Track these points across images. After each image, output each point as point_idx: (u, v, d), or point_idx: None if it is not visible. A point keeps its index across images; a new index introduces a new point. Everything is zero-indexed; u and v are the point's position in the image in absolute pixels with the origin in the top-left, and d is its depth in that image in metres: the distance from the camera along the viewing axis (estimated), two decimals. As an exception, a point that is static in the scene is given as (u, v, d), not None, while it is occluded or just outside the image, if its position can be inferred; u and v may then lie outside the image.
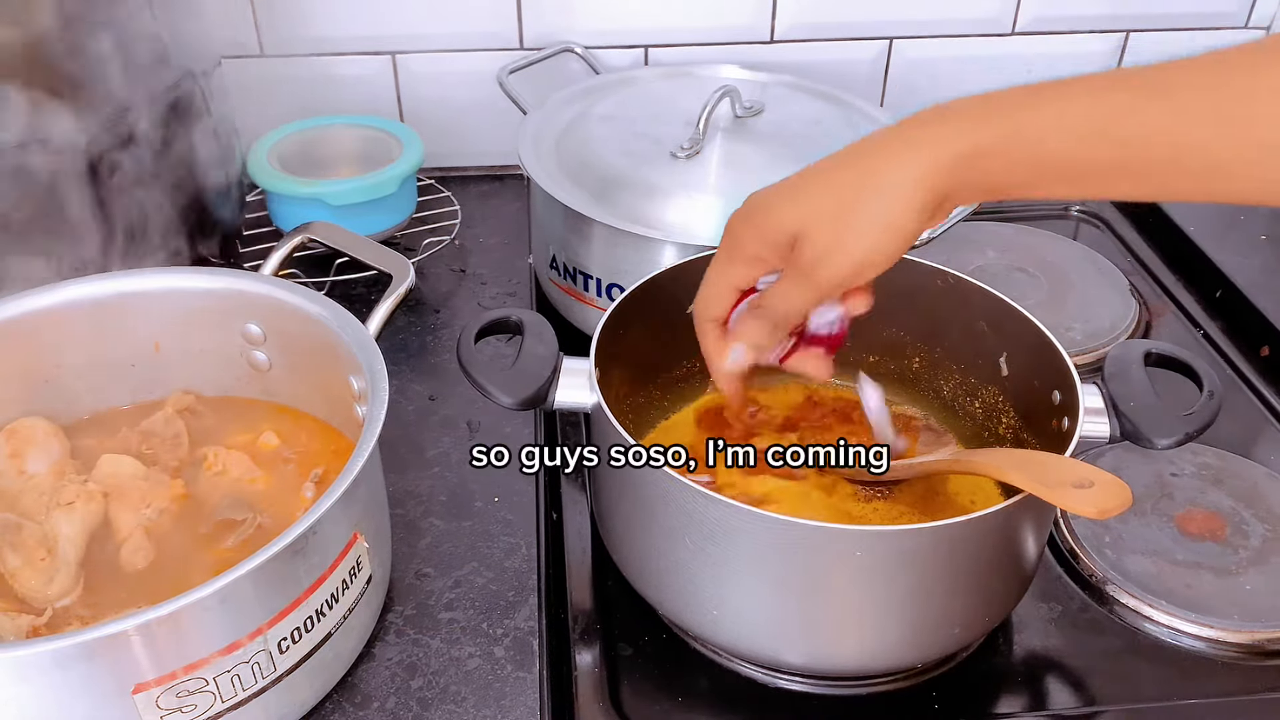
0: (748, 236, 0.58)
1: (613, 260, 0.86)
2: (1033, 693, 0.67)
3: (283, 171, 0.97)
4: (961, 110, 0.52)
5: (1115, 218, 1.15)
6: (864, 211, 0.53)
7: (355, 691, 0.63)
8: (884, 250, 0.54)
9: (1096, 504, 0.54)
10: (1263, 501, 0.79)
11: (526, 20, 1.10)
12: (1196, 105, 0.47)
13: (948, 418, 0.79)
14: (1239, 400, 0.90)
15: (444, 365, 0.89)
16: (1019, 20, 1.14)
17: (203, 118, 0.87)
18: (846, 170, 0.55)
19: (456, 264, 1.02)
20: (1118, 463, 0.81)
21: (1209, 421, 0.63)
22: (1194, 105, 0.47)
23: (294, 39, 1.09)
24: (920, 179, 0.52)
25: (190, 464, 0.71)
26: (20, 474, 0.67)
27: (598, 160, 0.90)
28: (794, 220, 0.56)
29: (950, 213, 0.55)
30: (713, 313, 0.63)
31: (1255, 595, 0.72)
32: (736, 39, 1.13)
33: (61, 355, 0.71)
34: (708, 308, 0.63)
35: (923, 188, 0.52)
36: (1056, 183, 0.51)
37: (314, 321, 0.69)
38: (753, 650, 0.65)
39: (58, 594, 0.62)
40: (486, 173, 1.16)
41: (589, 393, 0.65)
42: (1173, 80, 0.48)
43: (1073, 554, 0.75)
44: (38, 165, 0.74)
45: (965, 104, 0.52)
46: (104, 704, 0.52)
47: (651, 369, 0.78)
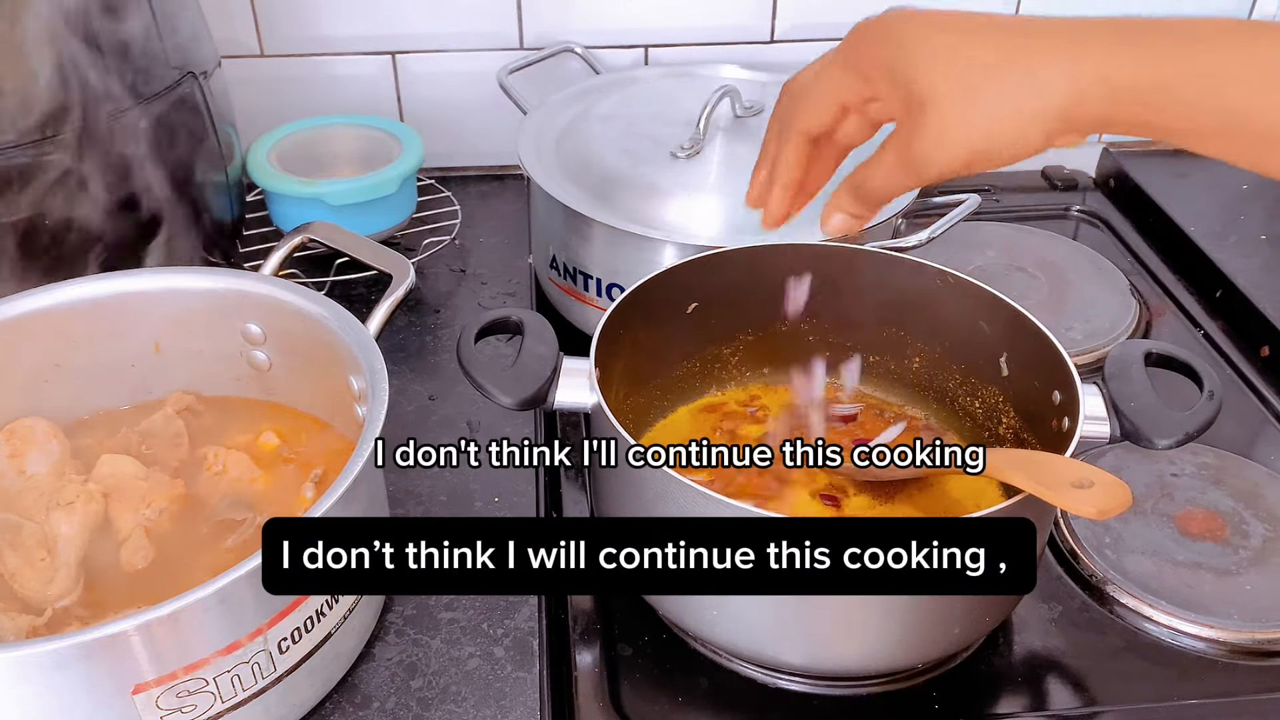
0: (872, 58, 0.52)
1: (613, 260, 0.86)
2: (1033, 693, 0.67)
3: (283, 171, 0.97)
4: (1139, 32, 0.46)
5: (1115, 218, 1.15)
6: (1002, 98, 0.48)
7: (355, 691, 0.63)
8: (1007, 149, 0.49)
9: (1097, 504, 0.54)
10: (1263, 501, 0.79)
11: (526, 20, 1.10)
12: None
13: (948, 418, 0.79)
14: (1239, 400, 0.90)
15: (444, 365, 0.89)
16: (1019, 20, 1.14)
17: (203, 118, 0.87)
18: (998, 43, 0.48)
19: (456, 264, 1.02)
20: (1118, 463, 0.81)
21: (1209, 421, 0.63)
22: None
23: (294, 39, 1.09)
24: (1074, 91, 0.47)
25: (190, 464, 0.71)
26: (20, 474, 0.67)
27: (598, 160, 0.90)
28: (924, 79, 0.49)
29: (1086, 138, 0.49)
30: (808, 123, 0.56)
31: (1255, 595, 0.72)
32: (736, 39, 1.13)
33: (61, 355, 0.71)
34: (804, 117, 0.56)
35: (1073, 100, 0.47)
36: (1236, 140, 0.46)
37: (314, 321, 0.69)
38: (753, 650, 0.65)
39: (58, 594, 0.62)
40: (486, 173, 1.16)
41: (589, 393, 0.65)
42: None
43: (1073, 554, 0.75)
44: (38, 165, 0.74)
45: (1144, 26, 0.47)
46: (104, 704, 0.52)
47: (651, 369, 0.78)
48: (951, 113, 0.49)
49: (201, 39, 0.89)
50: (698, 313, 0.77)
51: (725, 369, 0.82)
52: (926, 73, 0.49)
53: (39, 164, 0.74)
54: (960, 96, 0.49)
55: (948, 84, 0.49)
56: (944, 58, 0.49)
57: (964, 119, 0.49)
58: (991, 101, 0.48)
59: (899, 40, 0.51)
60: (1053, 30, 0.48)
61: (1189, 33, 0.46)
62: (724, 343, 0.80)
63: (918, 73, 0.50)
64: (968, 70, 0.48)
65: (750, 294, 0.78)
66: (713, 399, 0.81)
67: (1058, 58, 0.47)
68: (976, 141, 0.49)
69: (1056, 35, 0.48)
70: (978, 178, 1.20)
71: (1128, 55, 0.46)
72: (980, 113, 0.48)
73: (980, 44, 0.49)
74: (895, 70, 0.51)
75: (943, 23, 0.50)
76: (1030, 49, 0.48)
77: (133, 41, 0.78)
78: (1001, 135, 0.48)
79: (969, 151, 0.49)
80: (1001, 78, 0.48)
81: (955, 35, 0.49)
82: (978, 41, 0.49)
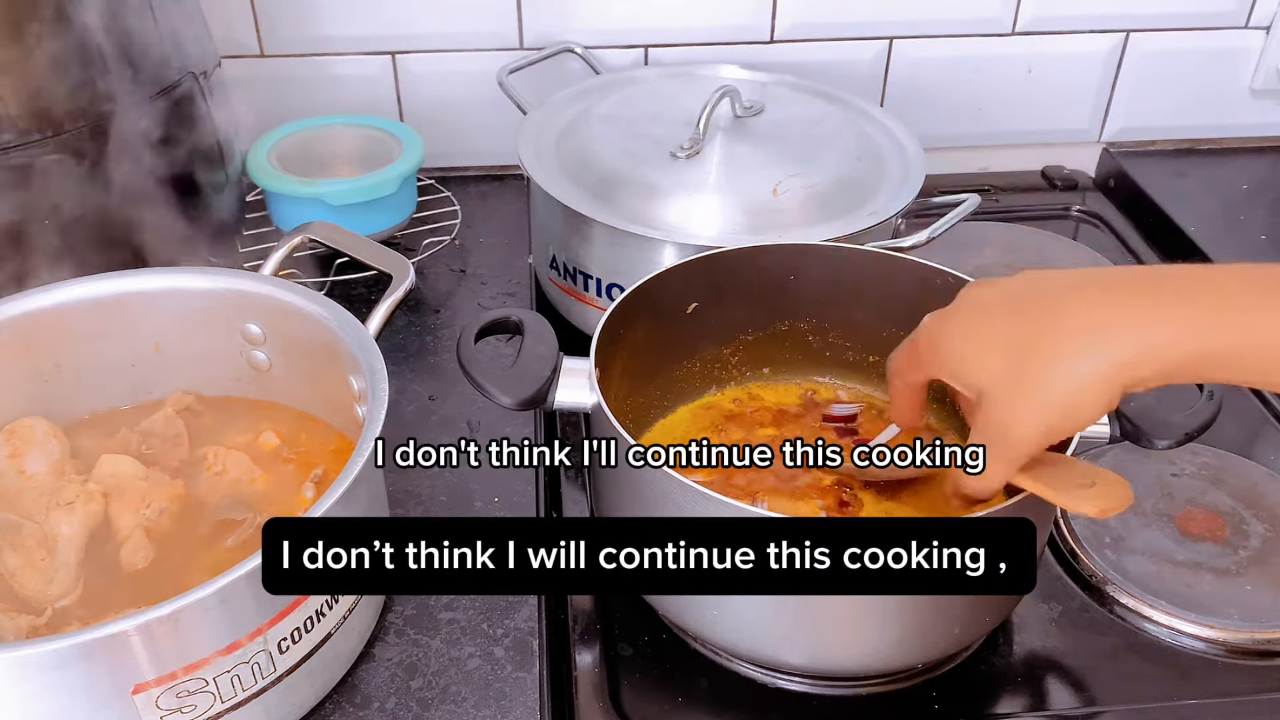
0: (933, 365, 0.57)
1: (613, 260, 0.86)
2: (1033, 693, 0.67)
3: (282, 171, 0.97)
4: (1173, 302, 0.49)
5: (1115, 218, 1.15)
6: (1043, 391, 0.51)
7: (355, 691, 0.63)
8: (1063, 430, 0.52)
9: (1098, 503, 0.54)
10: (1263, 501, 0.79)
11: (526, 20, 1.10)
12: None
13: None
14: (1239, 400, 0.90)
15: (444, 365, 0.89)
16: (1019, 20, 1.14)
17: (203, 118, 0.87)
18: (1031, 334, 0.51)
19: (456, 264, 1.02)
20: (1118, 463, 0.81)
21: (1209, 421, 0.63)
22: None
23: (294, 39, 1.09)
24: (1123, 369, 0.49)
25: (190, 464, 0.71)
26: (20, 474, 0.67)
27: (598, 160, 0.90)
28: (976, 380, 0.54)
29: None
30: (899, 411, 0.63)
31: (1255, 595, 0.72)
32: (736, 39, 1.13)
33: (61, 355, 0.71)
34: (893, 396, 0.63)
35: (1126, 375, 0.49)
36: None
37: (314, 321, 0.69)
38: (753, 650, 0.65)
39: (58, 594, 0.62)
40: (486, 173, 1.16)
41: (589, 393, 0.65)
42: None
43: (1073, 554, 0.75)
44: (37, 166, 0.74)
45: (1176, 290, 0.49)
46: (104, 704, 0.52)
47: (651, 369, 0.78)
48: (1006, 408, 0.53)
49: (201, 39, 0.89)
50: (698, 313, 0.77)
51: (725, 369, 0.82)
52: (977, 381, 0.54)
53: (39, 164, 0.74)
54: (1010, 393, 0.52)
55: (996, 385, 0.53)
56: (987, 362, 0.53)
57: (1016, 414, 0.52)
58: (1037, 399, 0.51)
59: (948, 351, 0.56)
60: (1079, 308, 0.50)
61: (1220, 297, 0.48)
62: (724, 343, 0.80)
63: (972, 380, 0.54)
64: (1006, 367, 0.52)
65: (750, 294, 0.78)
66: (712, 399, 0.81)
67: (1091, 350, 0.49)
68: (1039, 431, 0.52)
69: (1085, 316, 0.50)
70: (978, 177, 1.20)
71: (1165, 332, 0.48)
72: (1030, 409, 0.52)
73: (1010, 339, 0.52)
74: (956, 380, 0.56)
75: (979, 321, 0.54)
76: (1060, 347, 0.50)
77: (133, 41, 0.78)
78: (1056, 424, 0.52)
79: (1038, 436, 0.52)
80: (1036, 372, 0.51)
81: (989, 331, 0.53)
82: (1007, 336, 0.52)
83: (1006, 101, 1.18)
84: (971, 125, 1.20)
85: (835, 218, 0.86)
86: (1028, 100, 1.19)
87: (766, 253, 0.76)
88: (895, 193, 0.89)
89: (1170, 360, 0.49)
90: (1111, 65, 1.18)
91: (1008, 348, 0.52)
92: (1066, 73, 1.18)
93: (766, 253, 0.76)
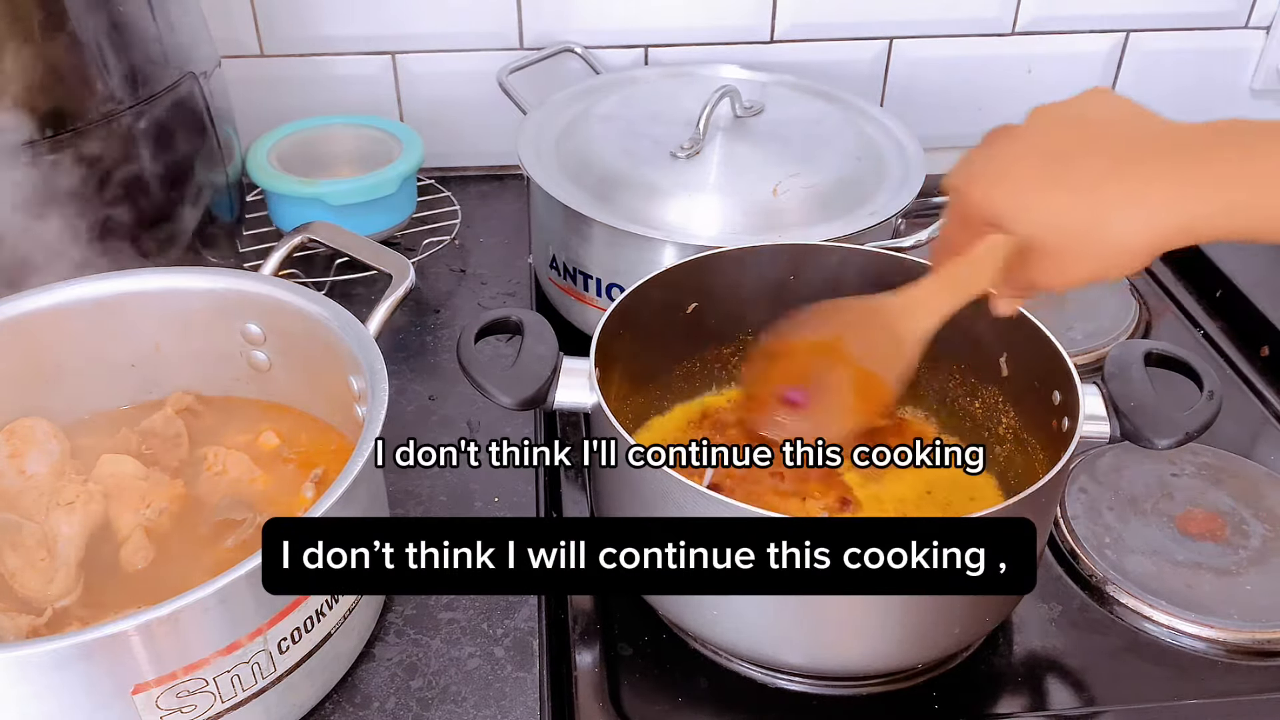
0: (981, 219, 0.59)
1: (613, 260, 0.86)
2: (1033, 693, 0.67)
3: (282, 171, 0.97)
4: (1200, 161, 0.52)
5: (1115, 218, 1.15)
6: (1093, 248, 0.54)
7: (355, 691, 0.63)
8: (1115, 273, 0.55)
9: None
10: (1263, 501, 0.79)
11: (526, 20, 1.10)
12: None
13: (948, 418, 0.79)
14: (1239, 400, 0.90)
15: (444, 365, 0.89)
16: (1019, 20, 1.14)
17: (203, 118, 0.87)
18: (1084, 194, 0.54)
19: (456, 264, 1.02)
20: (1118, 463, 0.81)
21: (1209, 421, 0.63)
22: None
23: (294, 39, 1.09)
24: (1159, 238, 0.52)
25: (190, 464, 0.71)
26: (20, 474, 0.67)
27: (598, 160, 0.90)
28: (1026, 231, 0.56)
29: None
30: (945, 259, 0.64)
31: (1255, 595, 0.72)
32: (736, 39, 1.13)
33: (61, 355, 0.71)
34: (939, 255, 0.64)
35: (1161, 241, 0.52)
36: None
37: (314, 321, 0.69)
38: (753, 650, 0.65)
39: (58, 594, 0.62)
40: (486, 173, 1.16)
41: (589, 393, 0.65)
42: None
43: (1073, 554, 0.75)
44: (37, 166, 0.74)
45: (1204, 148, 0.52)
46: (104, 704, 0.52)
47: (651, 369, 0.78)
48: (1055, 262, 0.56)
49: (201, 39, 0.89)
50: (698, 313, 0.77)
51: (725, 369, 0.82)
52: (1029, 233, 0.56)
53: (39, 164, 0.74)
54: (1059, 249, 0.56)
55: (1045, 240, 0.56)
56: (1039, 217, 0.56)
57: (1065, 266, 0.56)
58: (1088, 254, 0.55)
59: (1006, 203, 0.57)
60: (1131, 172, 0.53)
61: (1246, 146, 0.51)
62: (723, 343, 0.80)
63: (1021, 230, 0.57)
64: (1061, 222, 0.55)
65: (750, 294, 0.78)
66: (712, 399, 0.81)
67: (1138, 208, 0.52)
68: (1089, 274, 0.56)
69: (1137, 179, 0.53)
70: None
71: (1194, 195, 0.51)
72: (1081, 261, 0.55)
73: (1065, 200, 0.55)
74: (1004, 227, 0.58)
75: (1032, 182, 0.57)
76: (1111, 207, 0.53)
77: (133, 41, 0.78)
78: (1107, 269, 0.55)
79: (1088, 276, 0.56)
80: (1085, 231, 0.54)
81: (1045, 189, 0.56)
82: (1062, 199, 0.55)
83: (1006, 102, 1.18)
84: (971, 125, 1.19)
85: (835, 218, 0.86)
86: (1028, 100, 1.18)
87: (766, 253, 0.76)
88: (895, 193, 0.89)
89: (1198, 223, 0.51)
90: (1111, 65, 1.18)
91: (1062, 213, 0.55)
92: (1066, 73, 1.18)
93: (766, 253, 0.76)
